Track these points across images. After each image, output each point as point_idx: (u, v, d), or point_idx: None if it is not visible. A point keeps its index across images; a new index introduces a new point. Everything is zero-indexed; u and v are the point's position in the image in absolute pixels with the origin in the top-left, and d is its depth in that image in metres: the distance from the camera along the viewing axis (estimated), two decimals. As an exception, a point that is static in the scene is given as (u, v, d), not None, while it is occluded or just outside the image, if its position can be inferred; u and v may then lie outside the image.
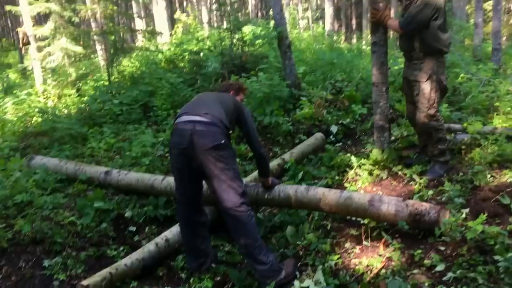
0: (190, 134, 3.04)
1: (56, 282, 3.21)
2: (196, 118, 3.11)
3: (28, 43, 11.30)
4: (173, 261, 3.54)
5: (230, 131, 3.30)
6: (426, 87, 4.23)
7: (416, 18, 4.13)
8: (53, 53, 10.58)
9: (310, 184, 4.54)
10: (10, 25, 39.07)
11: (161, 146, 5.70)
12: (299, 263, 3.24)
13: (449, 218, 3.13)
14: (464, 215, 3.32)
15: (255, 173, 4.60)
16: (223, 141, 3.09)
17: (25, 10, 10.75)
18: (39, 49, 11.08)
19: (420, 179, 4.20)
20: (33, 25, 11.26)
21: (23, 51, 15.35)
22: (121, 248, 3.78)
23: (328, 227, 3.68)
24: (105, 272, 3.09)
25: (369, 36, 5.20)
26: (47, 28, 10.54)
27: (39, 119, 7.51)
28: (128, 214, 4.18)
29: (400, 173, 4.41)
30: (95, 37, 10.98)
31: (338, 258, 3.14)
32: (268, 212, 4.12)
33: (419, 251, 3.00)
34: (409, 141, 5.15)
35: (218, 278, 3.27)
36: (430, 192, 3.93)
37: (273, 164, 4.93)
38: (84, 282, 2.94)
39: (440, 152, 4.35)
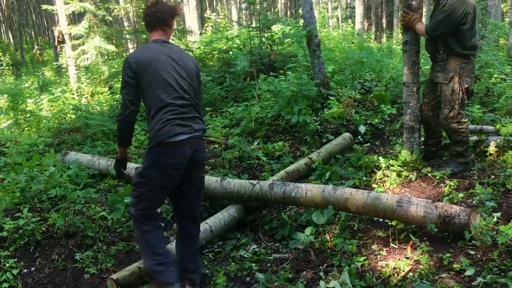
0: (192, 152, 2.90)
1: (87, 275, 3.31)
2: (193, 134, 2.93)
3: (63, 41, 11.66)
4: (200, 257, 3.59)
5: None
6: (447, 89, 4.26)
7: (441, 24, 4.10)
8: (87, 52, 10.86)
9: (337, 184, 4.52)
10: (45, 23, 40.22)
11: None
12: (325, 264, 3.24)
13: (480, 221, 3.06)
14: (495, 219, 3.25)
15: (282, 173, 4.63)
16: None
17: (61, 9, 11.08)
18: (74, 47, 11.40)
19: (451, 181, 4.13)
20: (68, 24, 11.59)
21: (58, 49, 15.81)
22: (150, 244, 3.86)
23: (355, 228, 3.66)
24: (134, 266, 3.17)
25: (400, 35, 5.15)
26: (81, 27, 10.84)
27: (73, 116, 7.74)
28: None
29: (429, 174, 4.34)
30: (127, 36, 11.18)
31: (364, 260, 3.12)
32: (294, 212, 4.12)
33: (448, 254, 2.95)
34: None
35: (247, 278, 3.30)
36: (461, 194, 3.85)
37: (300, 163, 4.93)
38: (114, 276, 3.01)
39: (457, 154, 4.41)
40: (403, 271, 2.88)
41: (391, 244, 3.24)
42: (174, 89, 2.90)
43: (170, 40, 3.23)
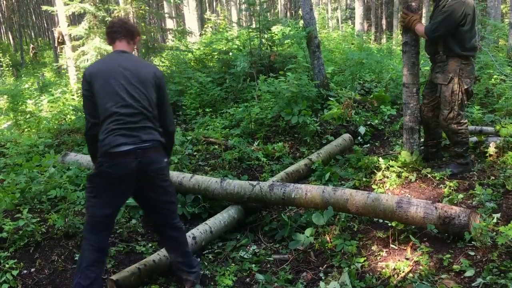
0: (137, 163, 2.78)
1: (87, 276, 3.30)
2: (140, 145, 2.79)
3: (63, 42, 11.66)
4: (200, 258, 3.59)
5: None
6: (447, 90, 4.27)
7: (441, 25, 4.11)
8: (87, 53, 10.84)
9: (337, 185, 4.52)
10: (46, 24, 40.23)
11: (189, 144, 5.78)
12: (325, 265, 3.24)
13: (480, 222, 3.06)
14: (495, 220, 3.25)
15: (281, 174, 4.63)
16: (166, 159, 3.02)
17: (61, 10, 11.08)
18: (74, 48, 11.40)
19: (450, 182, 4.13)
20: (68, 25, 11.59)
21: (58, 50, 15.81)
22: (150, 245, 3.86)
23: (355, 229, 3.66)
24: (134, 267, 3.17)
25: (399, 36, 5.17)
26: (81, 28, 10.82)
27: (73, 117, 7.75)
28: (156, 211, 4.25)
29: (429, 175, 4.34)
30: (127, 36, 11.14)
31: (364, 261, 3.12)
32: (294, 213, 4.12)
33: (448, 255, 2.95)
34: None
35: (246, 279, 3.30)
36: (460, 195, 3.85)
37: (300, 164, 4.93)
38: (114, 277, 3.01)
39: (457, 155, 4.42)
40: (403, 272, 2.88)
41: (391, 245, 3.24)
42: (121, 97, 2.80)
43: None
